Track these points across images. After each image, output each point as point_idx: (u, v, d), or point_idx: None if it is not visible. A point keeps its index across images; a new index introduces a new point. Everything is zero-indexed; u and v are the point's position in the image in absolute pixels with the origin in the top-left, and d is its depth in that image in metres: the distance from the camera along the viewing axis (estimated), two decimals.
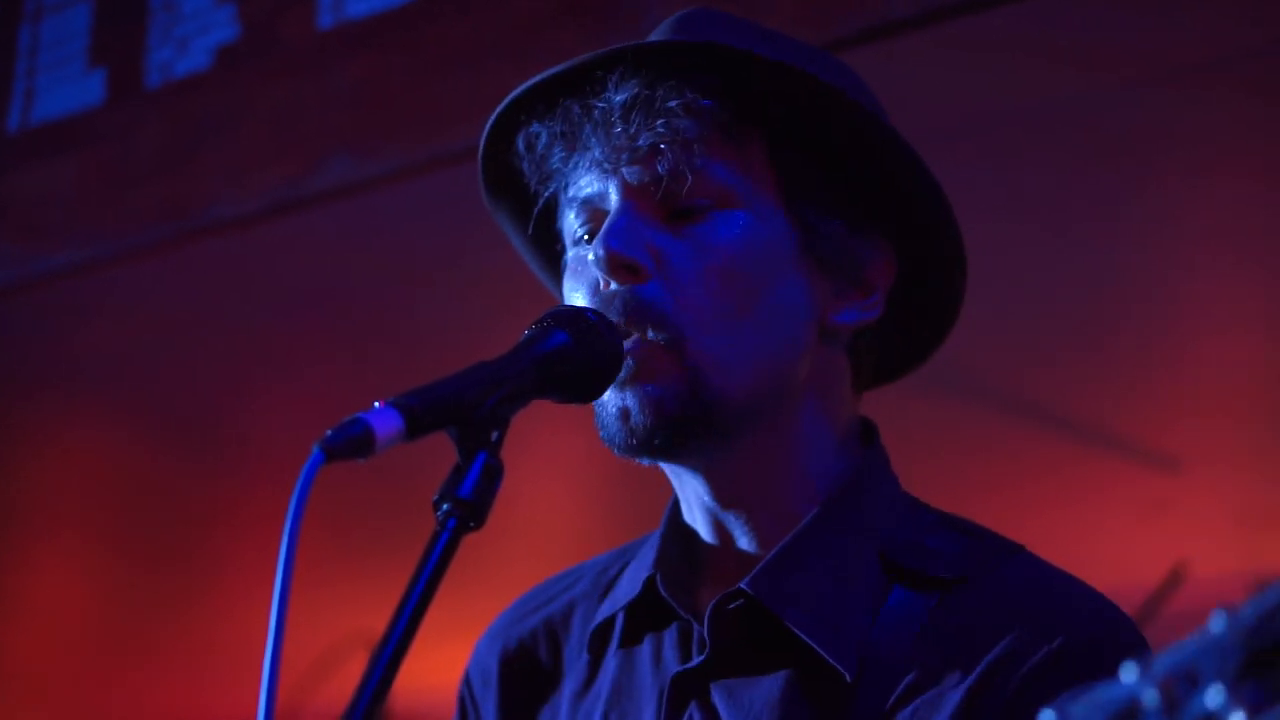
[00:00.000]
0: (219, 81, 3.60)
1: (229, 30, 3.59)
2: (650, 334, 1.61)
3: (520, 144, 1.72)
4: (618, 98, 1.64)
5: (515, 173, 1.76)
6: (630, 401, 1.61)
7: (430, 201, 3.68)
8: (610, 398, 1.62)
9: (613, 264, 1.62)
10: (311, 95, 3.49)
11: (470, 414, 1.43)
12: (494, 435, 1.43)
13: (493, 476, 1.41)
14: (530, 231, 1.81)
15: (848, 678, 1.59)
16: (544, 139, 1.70)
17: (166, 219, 3.63)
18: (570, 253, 1.73)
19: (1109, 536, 5.30)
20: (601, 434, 1.66)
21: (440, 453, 1.44)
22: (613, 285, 1.63)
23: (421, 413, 1.39)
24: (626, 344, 1.61)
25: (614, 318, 1.61)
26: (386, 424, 1.36)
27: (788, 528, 1.67)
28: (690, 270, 1.63)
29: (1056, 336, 4.37)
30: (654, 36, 1.73)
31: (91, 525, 5.72)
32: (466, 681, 1.88)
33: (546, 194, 1.74)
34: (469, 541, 1.42)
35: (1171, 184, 3.64)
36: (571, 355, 1.54)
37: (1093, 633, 1.57)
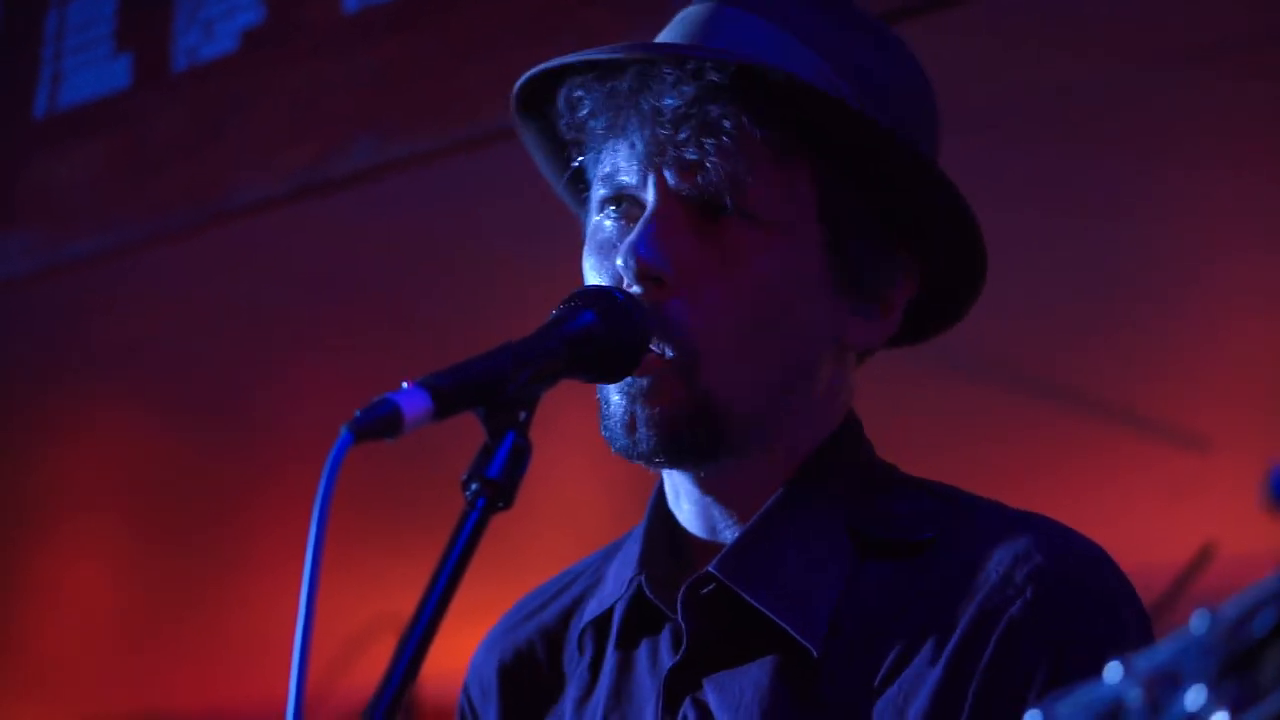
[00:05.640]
0: (244, 65, 3.60)
1: (254, 14, 3.59)
2: (667, 352, 1.60)
3: (561, 98, 1.69)
4: (668, 100, 1.59)
5: (548, 110, 1.73)
6: (638, 415, 1.61)
7: (453, 184, 3.69)
8: (618, 401, 1.62)
9: (641, 274, 1.60)
10: (336, 78, 3.49)
11: (498, 394, 1.43)
12: (522, 415, 1.44)
13: (521, 456, 1.41)
14: (560, 169, 1.79)
15: (814, 653, 1.58)
16: (586, 107, 1.66)
17: (191, 203, 3.64)
18: (594, 218, 1.70)
19: (1137, 517, 5.29)
20: (604, 433, 1.65)
21: (468, 433, 1.44)
22: (635, 289, 1.61)
23: (450, 393, 1.39)
24: (646, 363, 1.60)
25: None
26: (415, 404, 1.36)
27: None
28: (715, 287, 1.62)
29: (1085, 319, 4.36)
30: (701, 24, 1.68)
31: (119, 511, 5.74)
32: (465, 692, 1.88)
33: (579, 155, 1.72)
34: (497, 522, 1.42)
35: (1200, 165, 3.63)
36: (599, 334, 1.53)
37: (1063, 577, 1.56)
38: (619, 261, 1.63)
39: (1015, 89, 3.33)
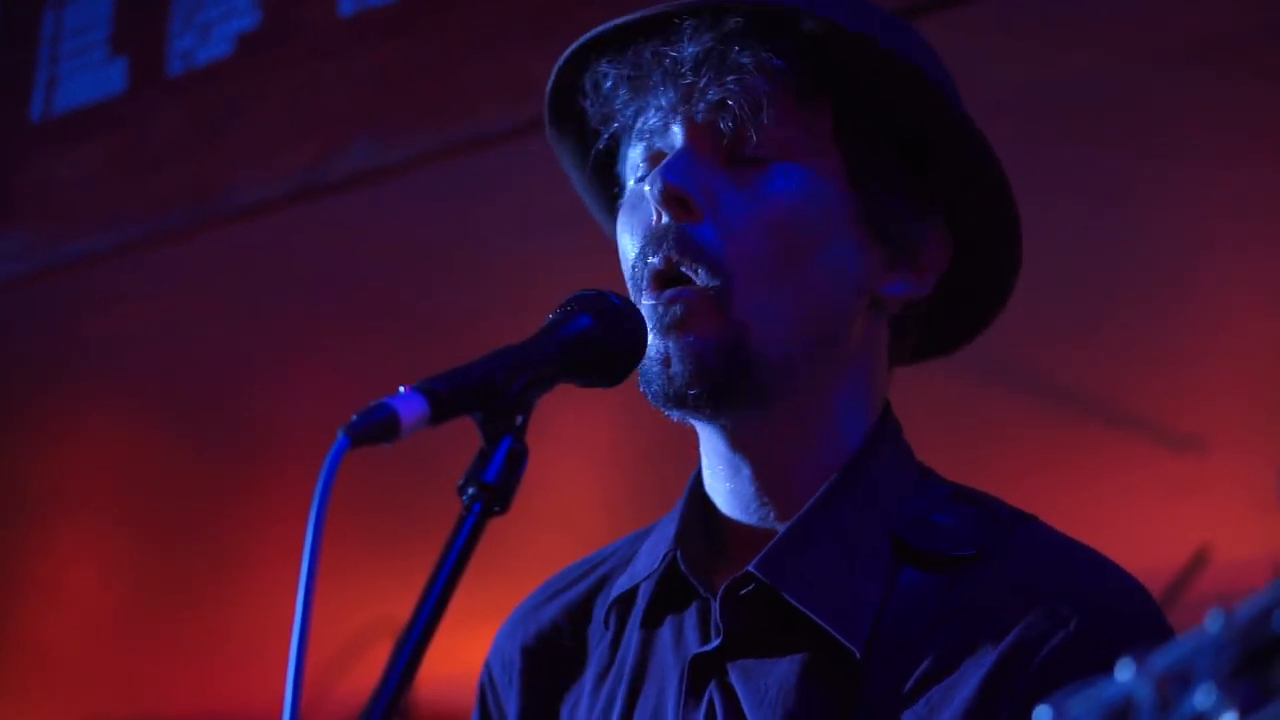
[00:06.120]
0: (240, 68, 3.61)
1: (250, 18, 3.60)
2: (699, 278, 1.61)
3: (587, 83, 1.73)
4: (689, 49, 1.64)
5: (579, 113, 1.77)
6: (672, 349, 1.62)
7: (451, 186, 3.69)
8: (653, 342, 1.63)
9: (667, 196, 1.62)
10: (332, 81, 3.49)
11: (495, 398, 1.42)
12: (519, 419, 1.43)
13: (518, 461, 1.41)
14: (589, 170, 1.82)
15: (857, 655, 1.58)
16: (610, 79, 1.70)
17: (188, 205, 3.64)
18: (628, 188, 1.73)
19: (1133, 519, 5.29)
20: (640, 382, 1.66)
21: (465, 438, 1.44)
22: (665, 219, 1.63)
23: (447, 397, 1.39)
24: (671, 291, 1.62)
25: (665, 252, 1.62)
26: (411, 409, 1.36)
27: (805, 498, 1.67)
28: (743, 215, 1.63)
29: (1081, 318, 4.36)
30: None
31: (116, 511, 5.74)
32: (487, 670, 1.88)
33: (607, 133, 1.75)
34: (494, 527, 1.42)
35: (1197, 165, 3.63)
36: (596, 339, 1.53)
37: (1106, 607, 1.56)
38: (645, 189, 1.65)
39: (1012, 87, 3.33)
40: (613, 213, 1.82)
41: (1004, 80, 3.29)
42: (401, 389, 1.38)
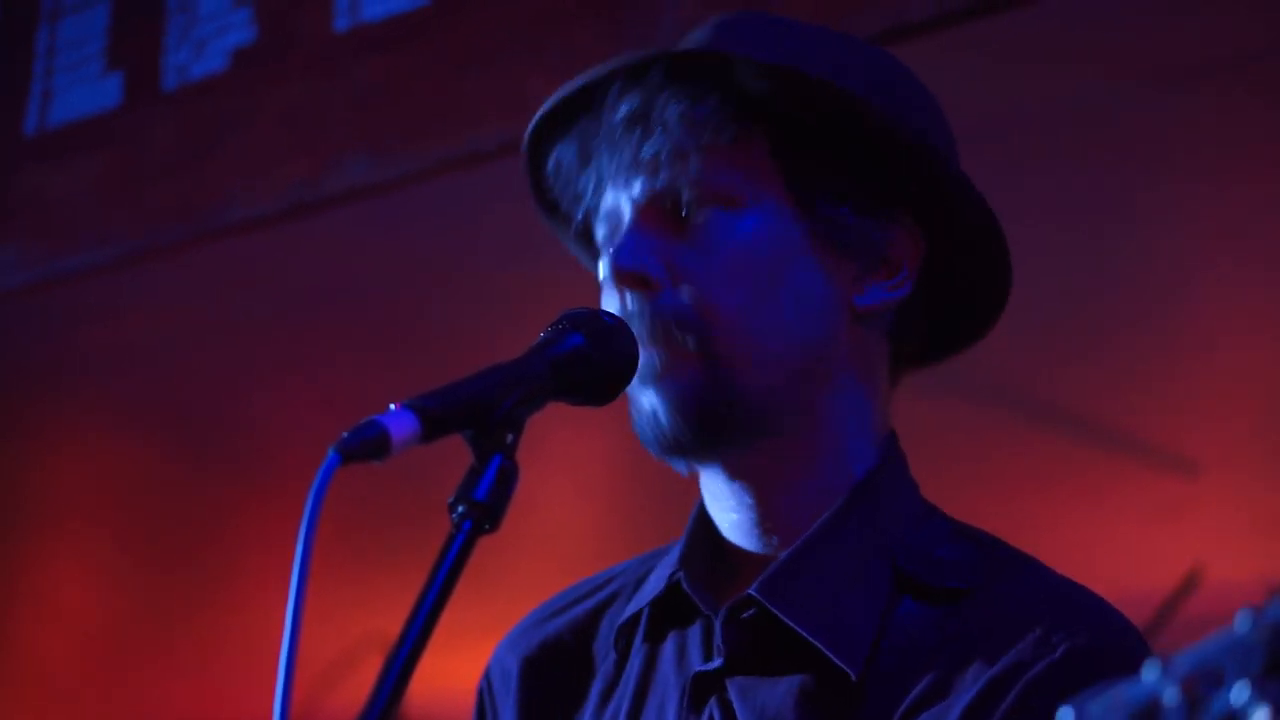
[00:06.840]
0: (235, 83, 3.61)
1: (245, 32, 3.60)
2: (678, 339, 1.63)
3: (550, 169, 1.76)
4: (618, 115, 1.65)
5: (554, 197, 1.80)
6: (656, 401, 1.63)
7: (446, 202, 3.69)
8: (642, 399, 1.65)
9: (620, 278, 1.65)
10: (327, 97, 3.49)
11: (486, 416, 1.43)
12: (510, 438, 1.44)
13: (508, 479, 1.42)
14: (574, 244, 1.84)
15: (852, 676, 1.59)
16: (566, 163, 1.72)
17: (182, 220, 3.64)
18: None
19: (1124, 540, 5.29)
20: (639, 436, 1.68)
21: (456, 456, 1.44)
22: (630, 302, 1.65)
23: (438, 415, 1.39)
24: (658, 351, 1.63)
25: (642, 333, 1.63)
26: (402, 426, 1.36)
27: (809, 525, 1.67)
28: (700, 273, 1.64)
29: (1073, 339, 4.36)
30: (685, 43, 1.74)
31: (108, 525, 5.73)
32: (486, 678, 1.88)
33: (580, 213, 1.76)
34: (485, 545, 1.42)
35: (1190, 185, 3.64)
36: (587, 357, 1.54)
37: (1094, 641, 1.57)
38: (603, 275, 1.67)
39: (1008, 107, 3.33)
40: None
41: (999, 99, 3.29)
42: (392, 406, 1.38)
